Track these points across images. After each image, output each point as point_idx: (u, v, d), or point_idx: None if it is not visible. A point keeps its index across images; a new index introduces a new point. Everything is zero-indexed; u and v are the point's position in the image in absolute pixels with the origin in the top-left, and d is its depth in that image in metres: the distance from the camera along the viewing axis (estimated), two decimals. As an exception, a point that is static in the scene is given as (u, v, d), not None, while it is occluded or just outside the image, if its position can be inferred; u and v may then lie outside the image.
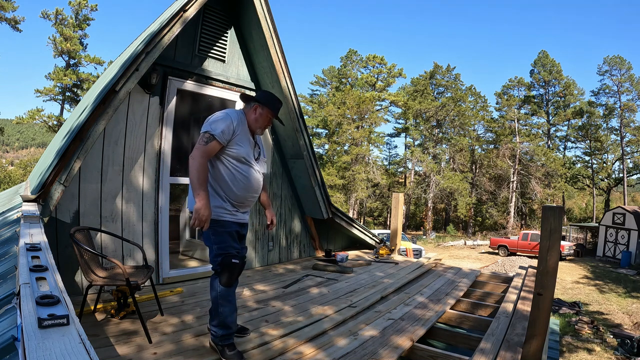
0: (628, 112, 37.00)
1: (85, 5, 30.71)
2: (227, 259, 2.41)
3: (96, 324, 2.79)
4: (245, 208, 2.60)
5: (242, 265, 2.53)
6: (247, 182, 2.50)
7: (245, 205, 2.57)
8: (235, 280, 2.49)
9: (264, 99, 2.55)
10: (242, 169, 2.47)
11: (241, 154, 2.45)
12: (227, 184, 2.45)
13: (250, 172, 2.51)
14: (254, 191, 2.57)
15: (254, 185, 2.55)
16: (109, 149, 3.65)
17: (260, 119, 2.53)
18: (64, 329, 0.96)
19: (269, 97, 2.57)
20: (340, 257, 5.57)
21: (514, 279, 4.94)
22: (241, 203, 2.53)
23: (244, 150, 2.47)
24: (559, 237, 2.51)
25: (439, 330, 3.34)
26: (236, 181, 2.46)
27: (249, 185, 2.51)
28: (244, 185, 2.49)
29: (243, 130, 2.48)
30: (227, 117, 2.42)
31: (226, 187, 2.46)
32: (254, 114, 2.53)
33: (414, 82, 42.47)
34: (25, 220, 2.35)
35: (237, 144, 2.43)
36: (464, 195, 35.42)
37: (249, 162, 2.50)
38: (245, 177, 2.49)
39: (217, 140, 2.34)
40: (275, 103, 2.59)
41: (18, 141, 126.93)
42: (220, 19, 4.59)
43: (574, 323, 10.80)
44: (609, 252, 23.08)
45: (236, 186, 2.46)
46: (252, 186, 2.53)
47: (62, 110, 30.92)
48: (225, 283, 2.41)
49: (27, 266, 1.42)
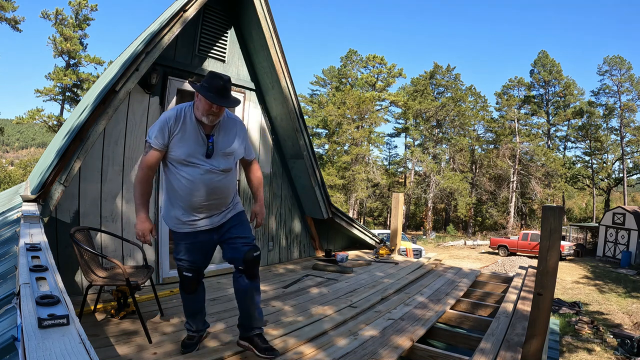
0: (628, 112, 37.00)
1: (85, 5, 30.71)
2: (180, 270, 2.40)
3: (96, 324, 2.79)
4: (209, 212, 2.31)
5: (197, 278, 2.44)
6: (194, 186, 2.21)
7: (206, 210, 2.29)
8: (192, 291, 2.46)
9: (204, 81, 2.18)
10: (186, 172, 2.20)
11: (179, 156, 2.18)
12: (175, 191, 2.25)
13: (195, 173, 2.21)
14: (209, 193, 2.25)
15: (206, 187, 2.23)
16: (109, 149, 3.65)
17: (200, 106, 2.16)
18: (64, 329, 0.96)
19: (205, 78, 2.18)
20: (340, 257, 5.57)
21: (514, 279, 4.94)
22: (198, 209, 2.27)
23: (184, 150, 2.18)
24: (559, 237, 2.51)
25: (439, 330, 3.34)
26: (182, 187, 2.21)
27: (197, 188, 2.21)
28: (189, 190, 2.21)
29: (187, 128, 2.19)
30: (163, 117, 2.20)
31: (175, 195, 2.26)
32: (197, 102, 2.20)
33: (414, 82, 42.47)
34: (25, 220, 2.35)
35: (176, 146, 2.18)
36: (464, 195, 35.42)
37: (192, 163, 2.19)
38: (189, 181, 2.20)
39: (154, 148, 2.16)
40: (213, 80, 2.14)
41: (18, 141, 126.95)
42: (220, 19, 4.59)
43: (574, 323, 10.80)
44: (609, 252, 23.08)
45: (184, 192, 2.22)
46: (201, 189, 2.22)
47: (62, 110, 30.93)
48: (184, 291, 2.46)
49: (27, 266, 1.42)
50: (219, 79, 2.15)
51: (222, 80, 2.15)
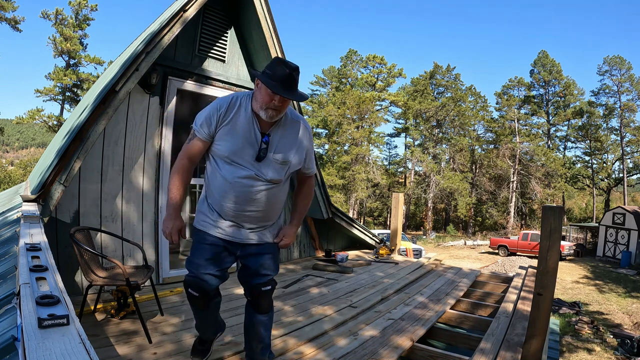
0: (628, 112, 37.02)
1: (85, 5, 30.73)
2: (187, 278, 1.99)
3: (96, 324, 2.79)
4: (236, 222, 1.96)
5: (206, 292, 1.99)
6: (229, 189, 1.89)
7: (233, 218, 1.95)
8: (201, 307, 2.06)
9: (267, 67, 1.83)
10: (226, 171, 1.89)
11: (222, 151, 1.87)
12: (210, 187, 1.97)
13: (235, 175, 1.87)
14: (244, 202, 1.91)
15: (243, 196, 1.89)
16: (109, 149, 3.65)
17: (260, 96, 1.83)
18: (64, 329, 0.96)
19: (268, 65, 1.85)
20: (340, 257, 5.57)
21: (514, 279, 4.94)
22: (227, 215, 1.95)
23: (230, 146, 1.86)
24: (559, 237, 2.51)
25: (439, 330, 3.34)
26: (217, 187, 1.92)
27: (232, 193, 1.89)
28: (223, 192, 1.90)
29: (239, 120, 1.87)
30: (215, 103, 1.90)
31: (209, 191, 1.98)
32: (256, 91, 1.87)
33: (414, 82, 42.48)
34: (25, 220, 2.35)
35: (222, 139, 1.87)
36: (464, 195, 35.43)
37: (236, 162, 1.87)
38: (226, 182, 1.88)
39: (197, 137, 1.89)
40: (277, 67, 1.79)
41: (18, 141, 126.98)
42: (220, 19, 4.59)
43: (574, 323, 10.80)
44: (609, 252, 23.08)
45: (217, 193, 1.92)
46: (238, 196, 1.89)
47: (62, 110, 30.95)
48: (190, 302, 2.08)
49: (27, 266, 1.42)
50: (284, 66, 1.79)
51: (289, 68, 1.78)
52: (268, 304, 2.12)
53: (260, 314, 2.12)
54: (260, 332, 2.14)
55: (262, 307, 2.10)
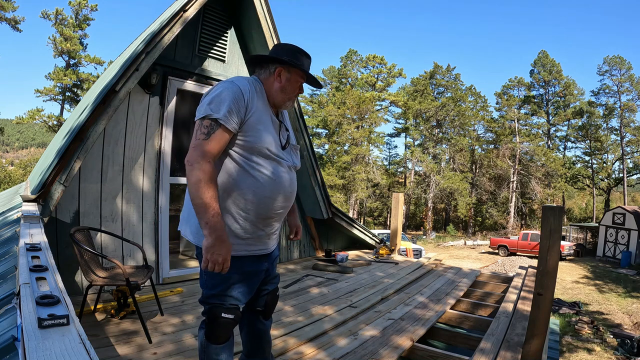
0: (628, 112, 37.01)
1: (85, 5, 30.72)
2: (215, 310, 1.64)
3: (96, 324, 2.79)
4: (269, 230, 1.71)
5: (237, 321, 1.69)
6: (276, 188, 1.63)
7: (269, 226, 1.69)
8: (226, 338, 1.67)
9: (289, 56, 1.65)
10: (268, 167, 1.61)
11: (262, 143, 1.58)
12: (242, 194, 1.58)
13: (278, 171, 1.64)
14: (285, 200, 1.69)
15: (286, 193, 1.68)
16: (109, 149, 3.65)
17: (289, 87, 1.67)
18: (64, 329, 0.96)
19: (293, 52, 1.66)
20: (340, 257, 5.57)
21: (514, 279, 4.94)
22: (264, 222, 1.66)
23: (266, 136, 1.59)
24: (559, 237, 2.51)
25: (439, 330, 3.34)
26: (260, 189, 1.59)
27: (278, 193, 1.64)
28: (271, 193, 1.61)
29: (262, 106, 1.63)
30: (235, 87, 1.55)
31: (240, 200, 1.59)
32: (278, 81, 1.67)
33: (414, 82, 42.48)
34: (25, 220, 2.35)
35: (254, 129, 1.57)
36: (464, 195, 35.43)
37: (276, 155, 1.63)
38: (272, 180, 1.61)
39: (224, 127, 1.51)
40: (303, 58, 1.68)
41: (18, 141, 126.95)
42: (220, 19, 4.59)
43: (574, 323, 10.80)
44: (609, 252, 23.07)
45: (260, 195, 1.59)
46: (282, 195, 1.66)
47: (62, 110, 30.94)
48: (210, 338, 1.66)
49: (27, 266, 1.42)
50: (306, 56, 1.67)
51: (310, 58, 1.68)
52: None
53: (268, 319, 1.99)
54: (270, 338, 2.03)
55: (272, 311, 1.98)
